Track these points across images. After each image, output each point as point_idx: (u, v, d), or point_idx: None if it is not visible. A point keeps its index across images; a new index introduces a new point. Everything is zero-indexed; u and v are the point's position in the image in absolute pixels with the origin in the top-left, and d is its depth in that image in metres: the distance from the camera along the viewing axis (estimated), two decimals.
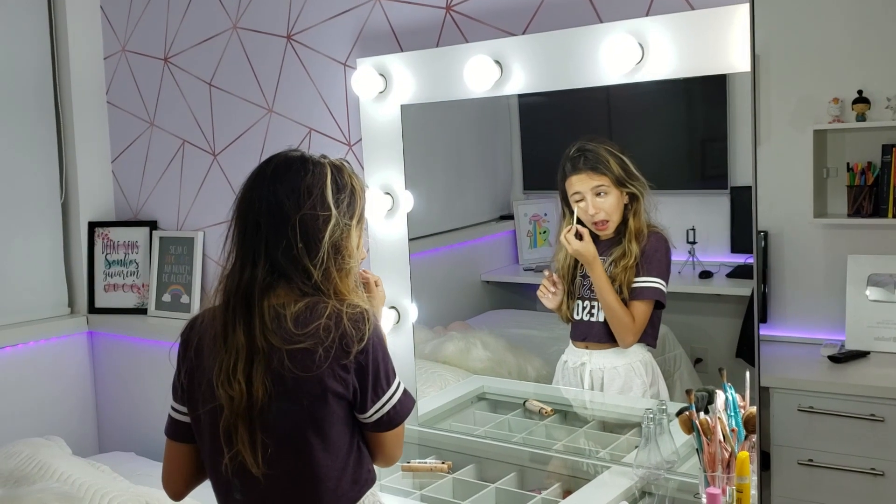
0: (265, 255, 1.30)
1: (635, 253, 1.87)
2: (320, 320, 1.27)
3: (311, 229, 1.30)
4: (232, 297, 1.30)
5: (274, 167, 1.34)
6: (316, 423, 1.27)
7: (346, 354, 1.26)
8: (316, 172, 1.33)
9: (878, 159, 1.36)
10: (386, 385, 1.32)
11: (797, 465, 1.41)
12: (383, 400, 1.31)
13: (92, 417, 2.92)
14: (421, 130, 2.16)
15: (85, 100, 2.85)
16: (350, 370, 1.27)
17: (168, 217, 2.79)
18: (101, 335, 2.89)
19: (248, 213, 1.32)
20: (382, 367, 1.31)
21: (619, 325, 1.89)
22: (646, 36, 1.68)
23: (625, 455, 1.84)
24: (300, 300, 1.29)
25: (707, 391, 1.57)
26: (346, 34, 2.27)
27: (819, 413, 1.38)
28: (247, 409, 1.26)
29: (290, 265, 1.29)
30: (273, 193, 1.31)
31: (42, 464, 2.07)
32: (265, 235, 1.30)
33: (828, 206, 1.40)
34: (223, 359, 1.28)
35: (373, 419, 1.32)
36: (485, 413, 2.16)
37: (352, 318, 1.28)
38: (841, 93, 1.35)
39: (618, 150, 1.90)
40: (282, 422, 1.27)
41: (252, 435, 1.26)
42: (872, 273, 1.37)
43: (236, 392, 1.25)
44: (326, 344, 1.26)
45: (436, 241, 2.30)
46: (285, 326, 1.27)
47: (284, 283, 1.30)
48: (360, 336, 1.27)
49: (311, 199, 1.31)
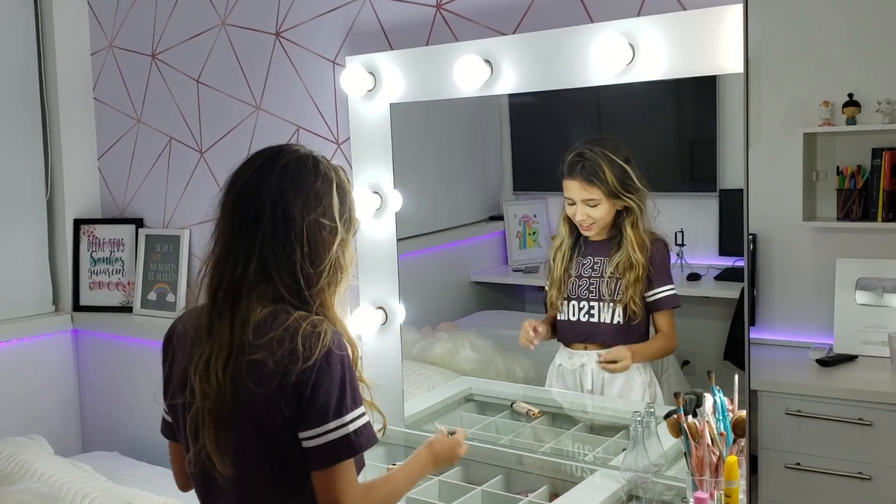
0: (258, 251, 1.25)
1: (642, 262, 1.86)
2: (276, 332, 1.21)
3: (317, 238, 1.26)
4: (221, 289, 1.25)
5: (284, 163, 1.28)
6: (258, 420, 1.22)
7: (289, 372, 1.19)
8: (326, 178, 1.29)
9: (868, 163, 1.36)
10: (325, 416, 1.19)
11: (785, 468, 1.40)
12: (319, 430, 1.20)
13: (75, 416, 2.89)
14: (410, 129, 2.14)
15: (71, 96, 2.82)
16: (290, 388, 1.19)
17: (154, 215, 2.77)
18: (86, 333, 2.86)
19: (249, 203, 1.26)
20: (323, 396, 1.19)
21: (665, 352, 1.91)
22: (637, 36, 1.67)
23: (612, 458, 1.84)
24: (266, 306, 1.24)
25: (695, 394, 1.56)
26: (335, 32, 2.25)
27: (807, 417, 1.38)
28: (217, 406, 1.22)
29: (285, 269, 1.24)
30: (281, 191, 1.25)
31: (23, 463, 2.04)
32: (263, 232, 1.25)
33: (817, 209, 1.40)
34: (203, 350, 1.24)
35: (306, 445, 1.21)
36: (472, 415, 2.15)
37: (306, 335, 1.20)
38: (831, 96, 1.35)
39: (622, 156, 1.86)
40: (243, 427, 1.23)
41: (218, 433, 1.22)
42: (861, 277, 1.37)
43: (213, 386, 1.21)
44: (277, 356, 1.20)
45: (425, 241, 2.28)
46: (247, 332, 1.22)
47: (266, 284, 1.25)
48: (308, 355, 1.18)
49: (320, 207, 1.26)
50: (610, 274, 1.90)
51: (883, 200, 1.34)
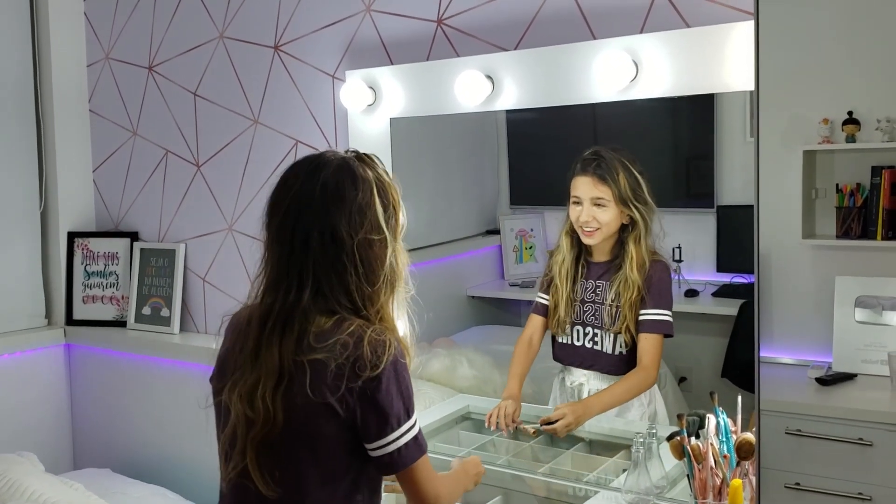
0: (312, 277, 1.25)
1: (638, 284, 1.81)
2: (341, 335, 1.22)
3: (369, 255, 1.26)
4: (272, 316, 1.26)
5: (324, 180, 1.27)
6: (308, 438, 1.24)
7: (356, 377, 1.21)
8: (366, 186, 1.28)
9: (868, 181, 1.36)
10: (395, 424, 1.24)
11: (784, 488, 1.39)
12: (389, 438, 1.25)
13: (67, 433, 2.86)
14: (409, 144, 2.14)
15: (67, 107, 2.80)
16: (354, 394, 1.22)
17: (149, 228, 2.75)
18: (79, 348, 2.83)
19: (294, 229, 1.26)
20: (392, 404, 1.24)
21: (638, 390, 1.84)
22: (640, 53, 1.68)
23: (613, 479, 1.82)
24: (329, 318, 1.25)
25: (698, 415, 1.55)
26: (335, 46, 2.25)
27: (807, 436, 1.37)
28: (263, 434, 1.23)
29: (340, 290, 1.25)
30: (327, 212, 1.25)
31: (13, 482, 2.01)
32: (314, 257, 1.25)
33: (816, 226, 1.40)
34: (248, 377, 1.25)
35: (375, 455, 1.26)
36: (469, 433, 2.13)
37: (373, 342, 1.22)
38: (831, 113, 1.35)
39: (637, 168, 1.84)
40: (292, 446, 1.25)
41: (260, 457, 1.24)
42: (860, 295, 1.37)
43: (258, 413, 1.22)
44: (340, 360, 1.21)
45: (421, 254, 2.27)
46: (307, 341, 1.23)
47: (326, 305, 1.26)
48: (375, 363, 1.21)
49: (366, 222, 1.26)
50: (611, 301, 1.87)
51: (882, 219, 1.35)
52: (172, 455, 2.59)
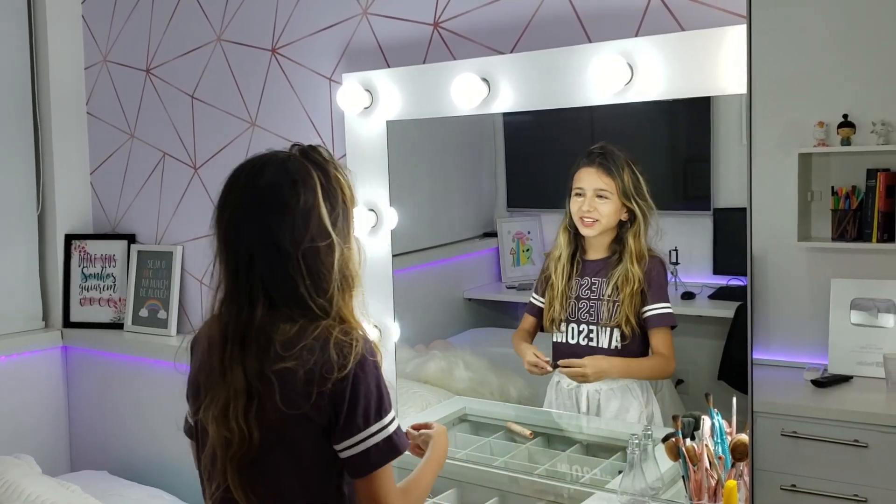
0: (262, 292, 1.22)
1: (638, 276, 1.85)
2: (306, 341, 1.21)
3: (315, 263, 1.22)
4: (229, 334, 1.24)
5: (260, 194, 1.22)
6: (286, 443, 1.22)
7: (325, 381, 1.19)
8: (306, 190, 1.22)
9: (863, 183, 1.36)
10: (361, 424, 1.21)
11: (780, 490, 1.39)
12: (357, 438, 1.21)
13: (64, 435, 2.85)
14: (406, 147, 2.14)
15: (64, 110, 2.80)
16: (326, 398, 1.20)
17: (147, 231, 2.75)
18: (76, 350, 2.83)
19: (237, 245, 1.23)
20: (363, 402, 1.21)
21: (661, 374, 1.87)
22: (635, 56, 1.68)
23: (609, 480, 1.82)
24: (294, 325, 1.23)
25: (693, 417, 1.55)
26: (332, 49, 2.25)
27: (802, 438, 1.37)
28: (241, 453, 1.21)
29: (292, 301, 1.22)
30: (265, 227, 1.21)
31: (10, 484, 2.01)
32: (260, 273, 1.22)
33: (812, 229, 1.40)
34: (218, 395, 1.23)
35: (345, 456, 1.23)
36: (466, 435, 2.13)
37: (339, 343, 1.20)
38: (826, 116, 1.35)
39: (639, 168, 1.88)
40: (272, 460, 1.23)
41: (241, 476, 1.22)
42: (856, 297, 1.37)
43: (234, 433, 1.21)
44: (308, 366, 1.20)
45: (418, 257, 2.28)
46: (274, 350, 1.21)
47: (283, 316, 1.23)
48: (343, 363, 1.19)
49: (308, 230, 1.21)
50: (608, 295, 1.89)
51: (878, 221, 1.35)
52: (169, 457, 2.59)
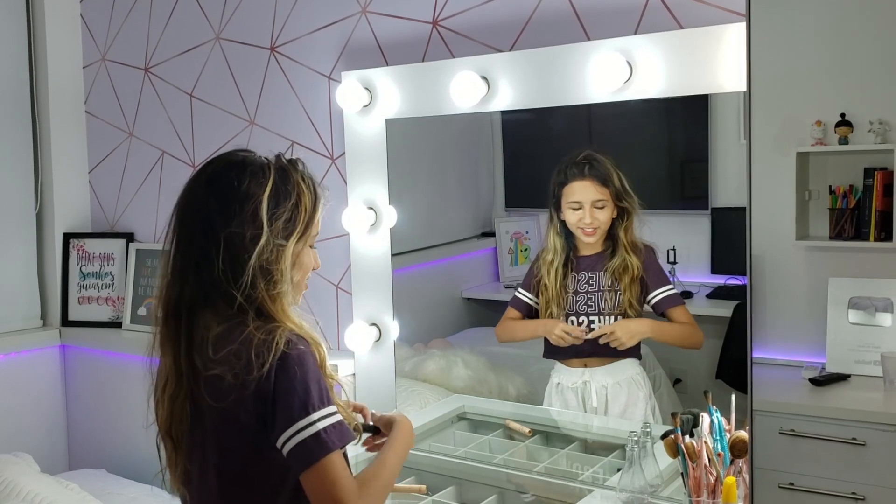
0: (193, 272, 1.21)
1: (637, 265, 1.89)
2: (234, 345, 1.18)
3: (237, 249, 1.19)
4: (166, 313, 1.24)
5: (210, 173, 1.24)
6: (224, 452, 1.22)
7: (248, 383, 1.17)
8: (255, 181, 1.21)
9: (860, 182, 1.37)
10: (291, 418, 1.17)
11: (778, 488, 1.40)
12: (288, 433, 1.17)
13: (62, 433, 2.85)
14: (405, 145, 2.14)
15: (63, 108, 2.80)
16: (249, 399, 1.18)
17: (145, 229, 2.75)
18: (74, 349, 2.83)
19: (184, 220, 1.23)
20: (286, 397, 1.17)
21: (692, 340, 1.87)
22: (634, 54, 1.68)
23: (608, 478, 1.83)
24: (223, 322, 1.21)
25: (692, 414, 1.56)
26: (331, 47, 2.25)
27: (800, 436, 1.38)
28: (169, 431, 1.25)
29: (211, 287, 1.20)
30: (205, 205, 1.21)
31: (8, 482, 2.01)
32: (194, 251, 1.21)
33: (810, 228, 1.40)
34: (160, 374, 1.26)
35: (285, 450, 1.18)
36: (465, 433, 2.14)
37: (258, 344, 1.17)
38: (824, 115, 1.36)
39: (622, 169, 1.91)
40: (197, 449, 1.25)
41: (178, 456, 1.26)
42: (853, 296, 1.37)
43: (161, 413, 1.24)
44: (236, 370, 1.18)
45: (417, 256, 2.28)
46: (206, 350, 1.20)
47: (210, 303, 1.22)
48: (261, 363, 1.16)
49: (241, 214, 1.20)
50: (608, 286, 1.91)
51: (875, 220, 1.35)
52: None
